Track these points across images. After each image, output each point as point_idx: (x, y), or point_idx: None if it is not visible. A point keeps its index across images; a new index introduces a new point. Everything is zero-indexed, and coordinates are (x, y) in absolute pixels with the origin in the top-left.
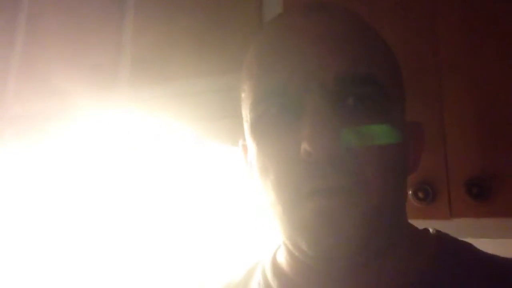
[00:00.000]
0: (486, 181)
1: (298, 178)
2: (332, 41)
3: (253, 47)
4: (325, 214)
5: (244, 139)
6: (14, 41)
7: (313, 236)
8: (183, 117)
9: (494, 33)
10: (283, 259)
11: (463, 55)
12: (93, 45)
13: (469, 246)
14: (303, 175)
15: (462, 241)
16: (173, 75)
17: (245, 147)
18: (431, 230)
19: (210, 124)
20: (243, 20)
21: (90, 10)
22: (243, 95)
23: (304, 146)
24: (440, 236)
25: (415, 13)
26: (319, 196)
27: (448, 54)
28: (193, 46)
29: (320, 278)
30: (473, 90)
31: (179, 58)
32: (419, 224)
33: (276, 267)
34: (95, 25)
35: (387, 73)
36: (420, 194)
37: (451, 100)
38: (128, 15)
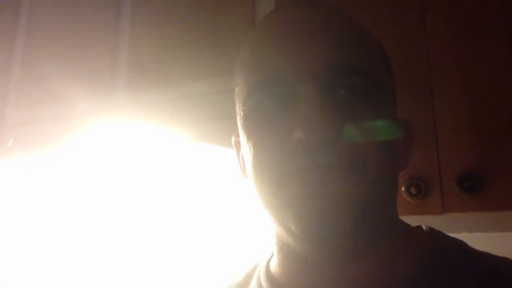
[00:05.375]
0: (477, 175)
1: (285, 157)
2: (324, 33)
3: (246, 41)
4: (312, 186)
5: (237, 135)
6: (14, 49)
7: (301, 213)
8: (181, 120)
9: (484, 29)
10: (275, 264)
11: (453, 51)
12: (90, 51)
13: (462, 244)
14: (291, 154)
15: (455, 238)
16: (170, 78)
17: (237, 143)
18: (424, 228)
19: (208, 126)
20: (236, 22)
21: (87, 17)
22: (236, 89)
23: (297, 134)
24: (433, 234)
25: (405, 10)
26: (307, 170)
27: (438, 50)
28: (189, 49)
29: (310, 273)
30: (464, 85)
31: (175, 61)
32: (412, 219)
33: (269, 274)
34: (92, 31)
35: (378, 65)
36: (413, 190)
37: (442, 96)
38: (124, 21)
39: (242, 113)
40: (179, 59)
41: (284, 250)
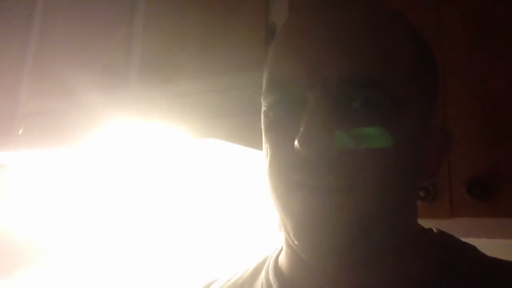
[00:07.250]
0: (487, 181)
1: (288, 168)
2: (341, 41)
3: (276, 35)
4: (311, 210)
5: None
6: (28, 41)
7: (299, 227)
8: (190, 116)
9: (498, 34)
10: (283, 258)
11: (466, 55)
12: (103, 46)
13: (473, 248)
14: (293, 166)
15: (465, 243)
16: (181, 74)
17: None
18: (435, 231)
19: (217, 122)
20: (249, 19)
21: (101, 12)
22: (264, 81)
23: (296, 144)
24: (444, 238)
25: (420, 14)
26: (306, 190)
27: (452, 55)
28: (201, 45)
29: (316, 276)
30: (476, 90)
31: (187, 57)
32: (419, 222)
33: (277, 268)
34: (106, 26)
35: (400, 75)
36: (422, 193)
37: (454, 100)
38: (138, 16)
39: (263, 108)
40: (191, 55)
41: (290, 248)
